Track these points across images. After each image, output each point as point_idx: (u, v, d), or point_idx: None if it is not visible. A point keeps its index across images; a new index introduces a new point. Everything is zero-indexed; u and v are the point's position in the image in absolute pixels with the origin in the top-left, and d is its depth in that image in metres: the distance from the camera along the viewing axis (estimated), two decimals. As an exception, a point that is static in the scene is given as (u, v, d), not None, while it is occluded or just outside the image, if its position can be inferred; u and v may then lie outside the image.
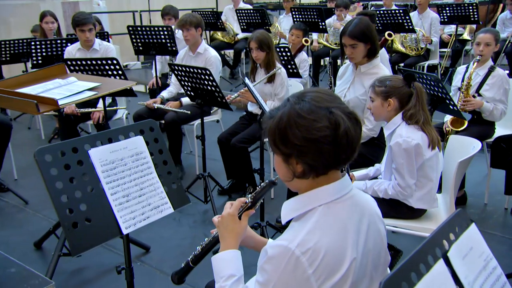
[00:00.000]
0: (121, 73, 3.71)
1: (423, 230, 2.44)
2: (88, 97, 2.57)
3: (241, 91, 3.75)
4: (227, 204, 1.53)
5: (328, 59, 6.61)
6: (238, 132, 3.85)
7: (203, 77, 3.35)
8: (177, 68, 3.51)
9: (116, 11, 8.96)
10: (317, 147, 1.21)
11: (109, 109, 4.23)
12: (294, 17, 6.41)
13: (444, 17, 6.62)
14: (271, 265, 1.22)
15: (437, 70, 6.48)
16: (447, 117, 3.65)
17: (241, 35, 7.41)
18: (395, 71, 6.08)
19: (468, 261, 1.28)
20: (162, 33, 4.89)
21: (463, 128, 3.57)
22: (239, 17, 6.82)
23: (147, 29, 4.92)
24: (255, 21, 6.69)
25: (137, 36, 4.97)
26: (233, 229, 1.49)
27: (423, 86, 3.33)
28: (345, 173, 1.36)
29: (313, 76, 6.68)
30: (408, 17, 5.54)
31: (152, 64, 5.74)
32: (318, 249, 1.19)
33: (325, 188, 1.28)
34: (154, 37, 4.92)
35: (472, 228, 1.39)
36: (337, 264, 1.21)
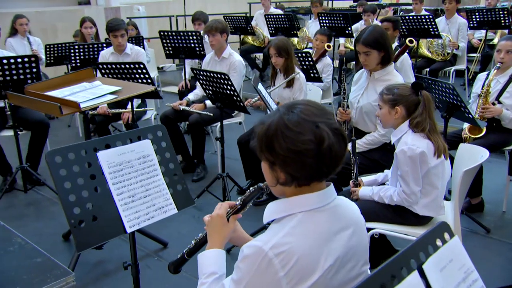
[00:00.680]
0: (147, 77, 3.80)
1: (428, 237, 2.37)
2: (108, 100, 2.65)
3: (261, 95, 3.77)
4: (218, 205, 1.55)
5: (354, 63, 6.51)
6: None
7: (222, 81, 3.39)
8: (199, 72, 3.56)
9: (154, 16, 9.14)
10: (300, 159, 1.21)
11: (137, 110, 4.33)
12: (321, 22, 6.36)
13: (473, 22, 6.40)
14: (245, 264, 1.23)
15: (465, 75, 6.27)
16: (466, 124, 3.54)
17: (271, 39, 7.40)
18: (420, 76, 5.94)
19: (446, 273, 1.25)
20: (191, 38, 4.96)
21: (481, 135, 3.46)
22: (267, 22, 6.82)
23: (177, 34, 5.01)
24: (283, 25, 6.68)
25: (168, 40, 5.07)
26: (220, 230, 1.51)
27: (439, 93, 3.26)
28: (330, 183, 1.36)
29: (339, 80, 6.61)
30: (433, 23, 5.39)
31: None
32: (291, 253, 1.19)
33: (307, 196, 1.28)
34: (183, 41, 5.00)
35: (454, 240, 1.36)
36: (310, 269, 1.21)
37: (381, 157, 3.04)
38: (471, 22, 6.37)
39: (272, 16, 6.82)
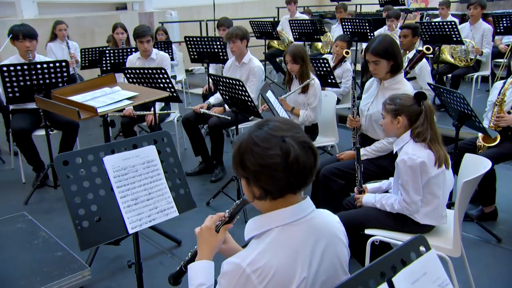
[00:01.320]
0: (168, 81, 3.89)
1: (427, 246, 2.33)
2: (124, 105, 2.74)
3: (276, 100, 3.79)
4: (208, 217, 1.59)
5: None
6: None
7: (237, 88, 3.43)
8: (216, 78, 3.62)
9: (185, 21, 9.28)
10: (270, 173, 1.24)
11: (160, 112, 4.44)
12: (344, 27, 6.30)
13: (500, 28, 6.18)
14: (225, 280, 1.27)
15: (489, 81, 6.07)
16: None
17: (296, 43, 7.40)
18: (442, 81, 5.80)
19: (418, 286, 1.25)
20: (214, 43, 5.04)
21: (495, 143, 3.36)
22: (292, 27, 6.82)
23: (202, 39, 5.09)
24: (307, 31, 6.66)
25: (193, 45, 5.16)
26: (209, 242, 1.54)
27: (450, 101, 3.19)
28: (306, 196, 1.37)
29: (361, 84, 6.53)
30: (456, 29, 5.25)
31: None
32: (268, 269, 1.22)
33: (282, 211, 1.30)
34: (207, 46, 5.08)
35: (430, 254, 1.35)
36: (287, 282, 1.23)
37: (390, 164, 2.99)
38: (498, 27, 6.17)
39: (296, 21, 6.81)
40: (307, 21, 6.76)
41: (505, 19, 6.14)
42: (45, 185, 4.26)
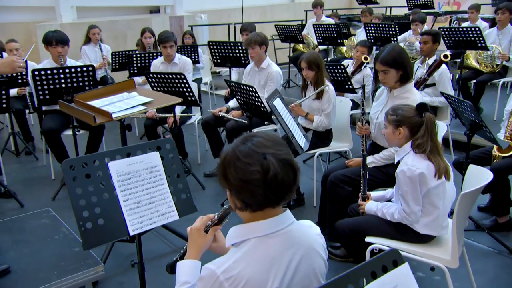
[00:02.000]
0: (187, 86, 4.00)
1: (426, 256, 2.31)
2: (138, 111, 2.84)
3: (291, 105, 3.82)
4: (199, 217, 1.65)
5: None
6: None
7: (250, 93, 3.48)
8: (231, 84, 3.69)
9: (213, 24, 9.40)
10: (249, 188, 1.27)
11: (181, 115, 4.55)
12: (367, 31, 6.24)
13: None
14: (201, 284, 1.32)
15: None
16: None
17: (321, 47, 7.38)
18: (466, 87, 5.65)
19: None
20: (237, 48, 5.11)
21: (510, 153, 3.27)
22: (315, 31, 6.81)
23: (224, 44, 5.17)
24: (330, 35, 6.63)
25: (216, 50, 5.24)
26: (197, 242, 1.59)
27: (463, 111, 3.13)
28: (286, 209, 1.41)
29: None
30: (480, 34, 5.10)
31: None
32: (240, 277, 1.27)
33: (260, 223, 1.34)
34: (230, 51, 5.16)
35: (402, 267, 1.35)
36: None
37: (398, 173, 2.98)
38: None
39: (320, 25, 6.79)
40: (331, 25, 6.73)
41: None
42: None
